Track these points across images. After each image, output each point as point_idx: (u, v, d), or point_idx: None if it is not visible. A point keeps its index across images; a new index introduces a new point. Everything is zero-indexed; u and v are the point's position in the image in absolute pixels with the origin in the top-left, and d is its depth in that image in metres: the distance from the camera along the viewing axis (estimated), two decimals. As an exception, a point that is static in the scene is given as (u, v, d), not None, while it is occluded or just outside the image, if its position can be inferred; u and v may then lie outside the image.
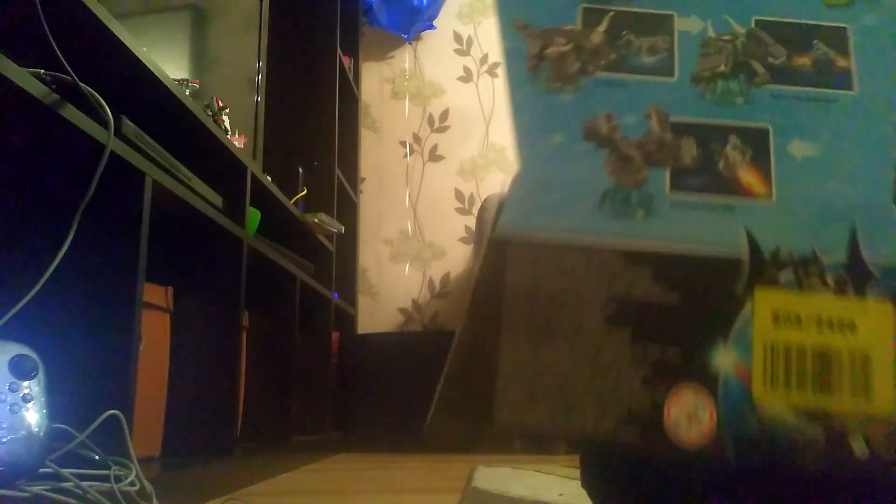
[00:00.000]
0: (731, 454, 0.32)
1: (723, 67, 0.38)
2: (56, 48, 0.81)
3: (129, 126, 0.98)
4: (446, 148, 3.00)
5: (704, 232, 0.36)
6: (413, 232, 2.94)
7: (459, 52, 3.06)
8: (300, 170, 2.19)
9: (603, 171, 0.37)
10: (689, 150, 0.37)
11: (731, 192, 0.37)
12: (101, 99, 0.89)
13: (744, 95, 0.38)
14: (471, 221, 2.86)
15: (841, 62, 0.38)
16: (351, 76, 2.80)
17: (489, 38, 3.07)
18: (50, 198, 0.93)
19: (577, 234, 0.36)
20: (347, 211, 2.71)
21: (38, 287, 0.77)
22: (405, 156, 3.00)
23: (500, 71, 0.37)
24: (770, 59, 0.38)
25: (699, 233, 0.36)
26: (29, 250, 0.89)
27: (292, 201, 1.93)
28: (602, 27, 0.38)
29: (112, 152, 0.88)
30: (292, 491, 1.32)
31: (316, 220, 2.06)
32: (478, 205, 2.74)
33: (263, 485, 1.40)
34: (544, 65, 0.39)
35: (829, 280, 0.34)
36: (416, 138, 3.01)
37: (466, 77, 3.04)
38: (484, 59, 3.05)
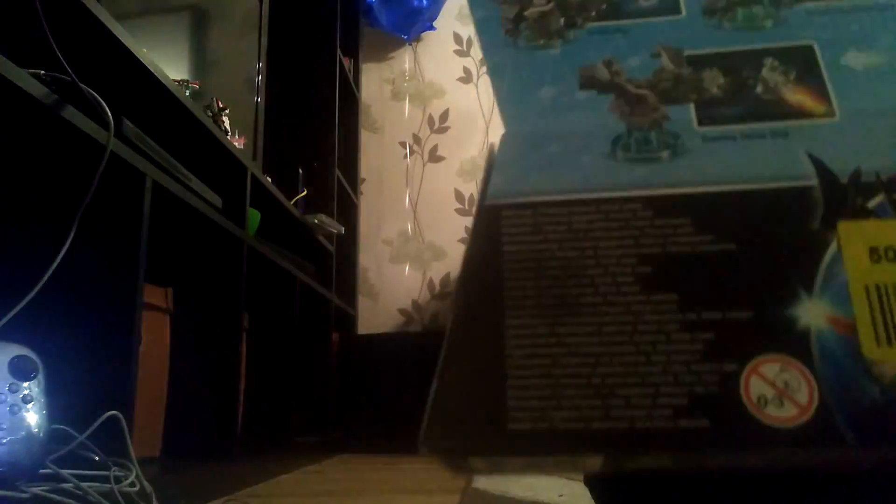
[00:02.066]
0: (845, 433, 0.24)
1: None
2: (56, 49, 0.81)
3: (129, 127, 0.98)
4: (446, 149, 3.00)
5: (753, 164, 0.28)
6: (413, 233, 2.94)
7: (459, 53, 3.06)
8: (300, 170, 2.19)
9: (610, 116, 0.30)
10: (714, 81, 0.30)
11: (780, 117, 0.29)
12: (101, 100, 0.89)
13: (773, 18, 0.31)
14: (471, 222, 2.86)
15: None
16: (351, 77, 2.80)
17: (489, 38, 3.07)
18: (50, 198, 0.93)
19: (587, 188, 0.29)
20: (347, 212, 2.71)
21: (38, 288, 0.77)
22: (405, 156, 3.00)
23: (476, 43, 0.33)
24: None
25: (747, 166, 0.28)
26: (29, 251, 0.89)
27: (292, 202, 1.93)
28: None
29: (112, 153, 0.88)
30: (292, 492, 1.32)
31: (316, 221, 2.06)
32: (478, 206, 2.74)
33: (263, 486, 1.40)
34: (524, 25, 0.33)
35: None
36: (416, 139, 3.01)
37: (466, 78, 3.04)
38: (484, 60, 3.05)
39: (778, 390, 0.24)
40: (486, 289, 0.28)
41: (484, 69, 3.04)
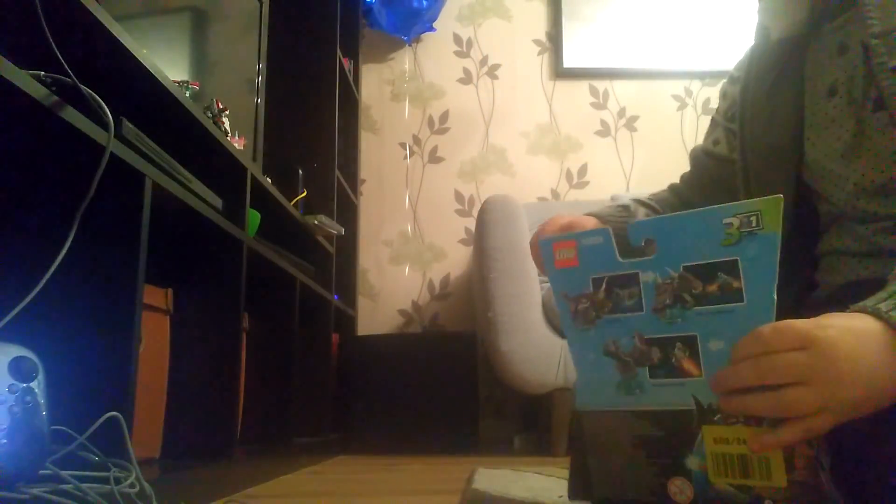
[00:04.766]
0: None
1: (668, 301, 0.63)
2: (56, 50, 0.81)
3: (129, 128, 0.98)
4: (446, 149, 3.00)
5: (672, 397, 0.63)
6: (413, 233, 2.94)
7: (459, 54, 3.06)
8: (300, 171, 2.19)
9: (616, 372, 0.67)
10: (656, 355, 0.64)
11: (681, 375, 0.63)
12: (101, 101, 0.89)
13: (680, 317, 0.62)
14: (471, 223, 2.86)
15: (735, 284, 0.59)
16: (351, 78, 2.80)
17: (489, 40, 3.07)
18: (50, 199, 0.93)
19: (609, 406, 0.68)
20: (347, 213, 2.71)
21: (38, 289, 0.77)
22: (405, 157, 3.00)
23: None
24: (694, 291, 0.61)
25: (670, 398, 0.64)
26: (29, 252, 0.89)
27: (292, 203, 1.93)
28: (602, 289, 0.67)
29: (112, 154, 0.88)
30: (292, 493, 1.32)
31: (316, 222, 2.06)
32: (478, 206, 2.73)
33: (263, 487, 1.40)
34: (577, 315, 0.69)
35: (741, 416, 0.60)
36: (416, 140, 3.01)
37: (466, 79, 3.04)
38: (484, 60, 3.05)
39: (679, 490, 0.64)
40: (579, 444, 0.72)
41: (484, 69, 3.05)
